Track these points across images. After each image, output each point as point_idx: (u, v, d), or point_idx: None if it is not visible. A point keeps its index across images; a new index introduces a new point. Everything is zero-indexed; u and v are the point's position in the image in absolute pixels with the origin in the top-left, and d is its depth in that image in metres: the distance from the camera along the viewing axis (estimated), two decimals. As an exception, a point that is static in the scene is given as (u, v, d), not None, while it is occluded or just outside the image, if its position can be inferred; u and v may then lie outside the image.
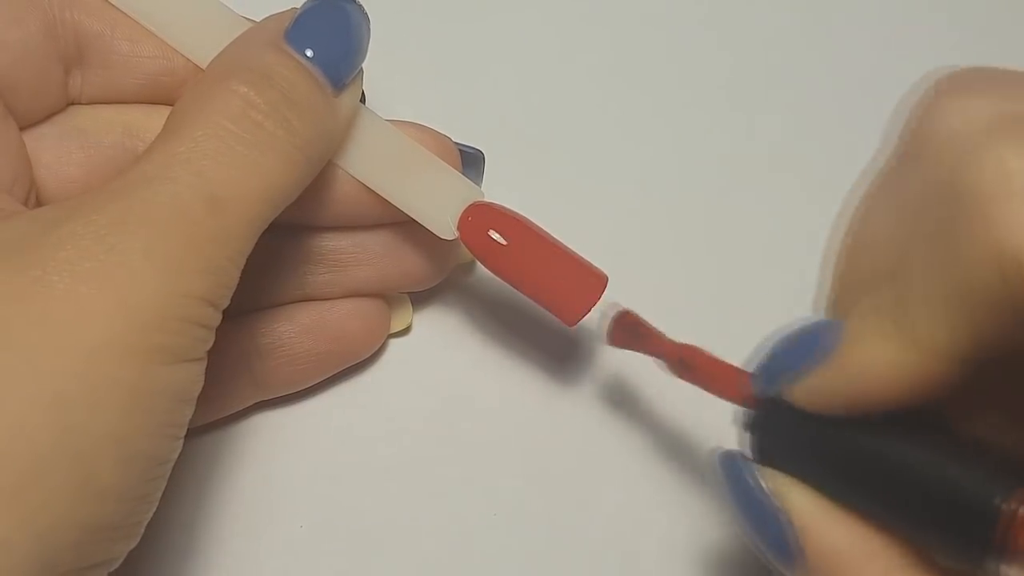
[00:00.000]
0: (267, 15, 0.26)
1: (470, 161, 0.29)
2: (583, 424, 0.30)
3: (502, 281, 0.28)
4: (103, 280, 0.21)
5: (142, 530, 0.23)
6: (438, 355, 0.31)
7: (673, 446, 0.30)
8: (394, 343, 0.31)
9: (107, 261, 0.21)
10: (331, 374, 0.30)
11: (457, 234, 0.27)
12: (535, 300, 0.27)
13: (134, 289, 0.21)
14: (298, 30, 0.25)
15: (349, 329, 0.29)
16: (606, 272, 0.27)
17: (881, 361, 0.21)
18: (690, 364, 0.26)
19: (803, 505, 0.23)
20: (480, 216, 0.27)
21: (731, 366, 0.25)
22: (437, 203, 0.27)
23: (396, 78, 0.32)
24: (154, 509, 0.23)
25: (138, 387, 0.21)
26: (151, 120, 0.27)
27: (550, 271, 0.27)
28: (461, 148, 0.29)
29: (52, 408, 0.20)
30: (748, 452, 0.24)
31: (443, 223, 0.27)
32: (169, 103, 0.27)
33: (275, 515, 0.29)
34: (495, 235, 0.27)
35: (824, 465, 0.23)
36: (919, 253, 0.21)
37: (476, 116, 0.32)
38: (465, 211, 0.27)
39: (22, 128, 0.26)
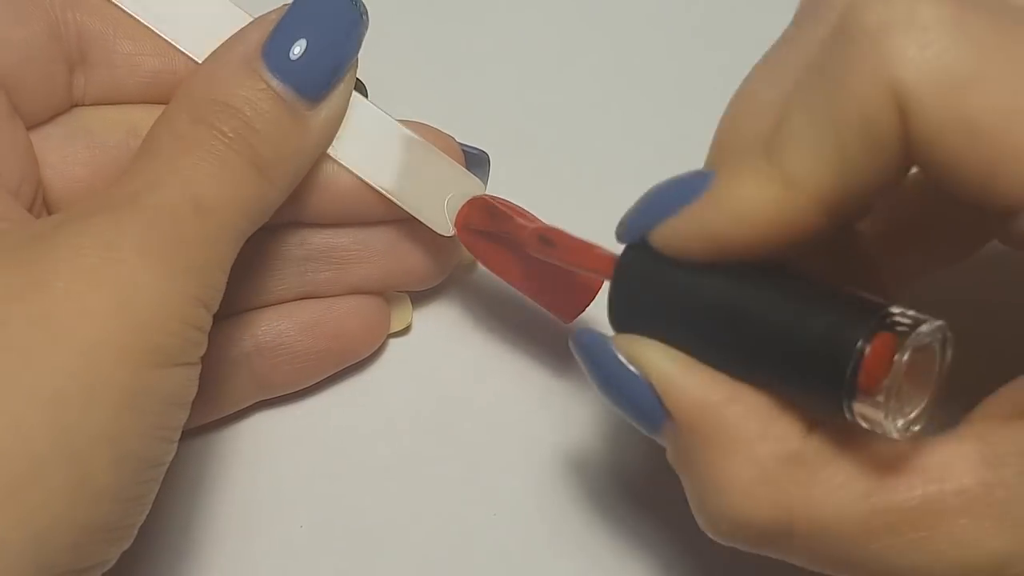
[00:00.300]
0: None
1: (475, 162, 0.29)
2: (583, 423, 0.30)
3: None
4: (102, 278, 0.21)
5: (135, 532, 0.23)
6: (438, 355, 0.31)
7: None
8: (394, 343, 0.31)
9: (105, 258, 0.21)
10: (331, 372, 0.30)
11: (454, 231, 0.27)
12: (531, 298, 0.27)
13: (132, 287, 0.21)
14: (277, 42, 0.25)
15: (349, 327, 0.29)
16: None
17: (751, 197, 0.20)
18: (552, 240, 0.25)
19: (660, 362, 0.22)
20: (478, 212, 0.27)
21: (594, 245, 0.24)
22: (435, 198, 0.27)
23: (396, 78, 0.32)
24: (147, 512, 0.23)
25: (131, 388, 0.21)
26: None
27: (547, 269, 0.27)
28: (466, 149, 0.29)
29: (50, 406, 0.20)
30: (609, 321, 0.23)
31: (441, 219, 0.27)
32: None
33: (275, 515, 0.29)
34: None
35: (684, 321, 0.22)
36: (801, 95, 0.20)
37: (476, 116, 0.32)
38: (463, 207, 0.27)
39: (28, 128, 0.26)
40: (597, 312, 0.27)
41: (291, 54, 0.25)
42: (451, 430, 0.30)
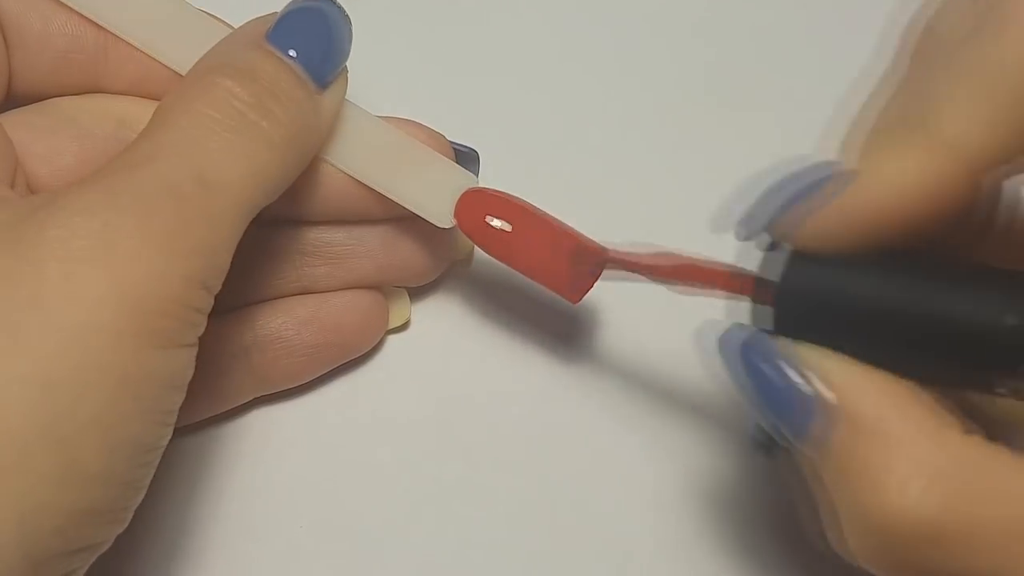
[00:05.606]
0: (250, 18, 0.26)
1: (465, 160, 0.29)
2: (584, 421, 0.30)
3: (501, 273, 0.27)
4: (97, 258, 0.21)
5: (130, 515, 0.22)
6: (437, 352, 0.30)
7: (675, 443, 0.29)
8: (392, 340, 0.30)
9: (101, 238, 0.21)
10: (330, 368, 0.29)
11: (454, 222, 0.27)
12: (537, 281, 0.27)
13: (129, 268, 0.21)
14: (279, 32, 0.25)
15: (347, 321, 0.29)
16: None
17: (913, 170, 0.20)
18: (683, 277, 0.25)
19: (837, 371, 0.21)
20: (476, 202, 0.27)
21: (723, 265, 0.24)
22: (432, 192, 0.27)
23: (394, 78, 0.32)
24: (142, 495, 0.22)
25: (128, 371, 0.21)
26: (145, 111, 0.27)
27: (551, 251, 0.27)
28: (456, 147, 0.29)
29: (38, 392, 0.20)
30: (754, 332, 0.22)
31: (439, 212, 0.27)
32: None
33: (275, 515, 0.29)
34: (493, 220, 0.27)
35: (846, 322, 0.21)
36: (947, 68, 0.20)
37: (472, 115, 0.32)
38: (461, 198, 0.27)
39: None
40: (599, 293, 0.27)
41: (293, 43, 0.25)
42: (451, 429, 0.30)
